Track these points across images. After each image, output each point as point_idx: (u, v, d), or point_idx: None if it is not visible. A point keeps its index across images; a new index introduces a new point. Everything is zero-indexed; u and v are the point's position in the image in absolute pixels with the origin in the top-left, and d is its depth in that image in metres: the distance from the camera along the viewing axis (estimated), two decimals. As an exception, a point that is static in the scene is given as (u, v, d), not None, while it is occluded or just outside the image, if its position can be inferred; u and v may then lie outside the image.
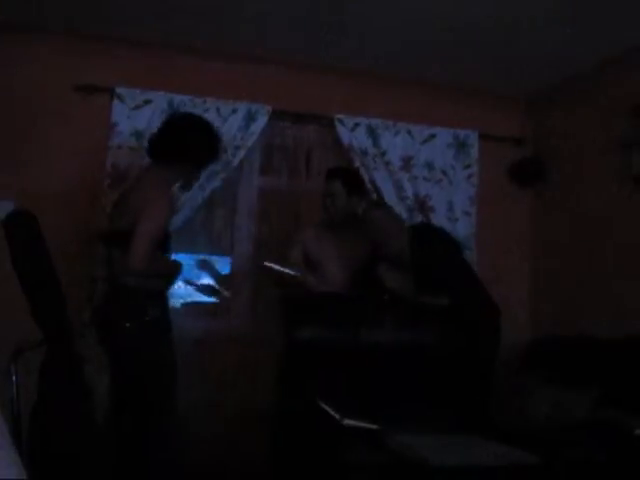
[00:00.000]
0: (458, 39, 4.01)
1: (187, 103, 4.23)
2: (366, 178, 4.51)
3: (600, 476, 2.55)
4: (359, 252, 3.92)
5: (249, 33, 4.11)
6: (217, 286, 4.47)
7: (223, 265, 4.60)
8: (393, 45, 4.17)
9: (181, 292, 4.42)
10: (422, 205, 4.55)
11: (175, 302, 4.40)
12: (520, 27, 3.80)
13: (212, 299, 4.55)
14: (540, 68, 4.40)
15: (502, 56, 4.23)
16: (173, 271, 3.38)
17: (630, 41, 3.86)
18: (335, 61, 4.47)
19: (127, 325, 3.07)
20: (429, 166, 4.63)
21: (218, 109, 4.29)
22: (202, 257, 4.44)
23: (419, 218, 4.52)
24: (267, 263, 3.74)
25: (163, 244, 3.17)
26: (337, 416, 2.65)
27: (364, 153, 4.50)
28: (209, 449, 3.96)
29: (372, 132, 4.54)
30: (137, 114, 4.17)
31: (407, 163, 4.58)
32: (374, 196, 4.53)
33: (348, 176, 3.98)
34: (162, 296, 3.29)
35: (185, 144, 3.24)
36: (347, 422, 2.64)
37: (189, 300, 4.47)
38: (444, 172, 4.65)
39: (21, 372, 2.59)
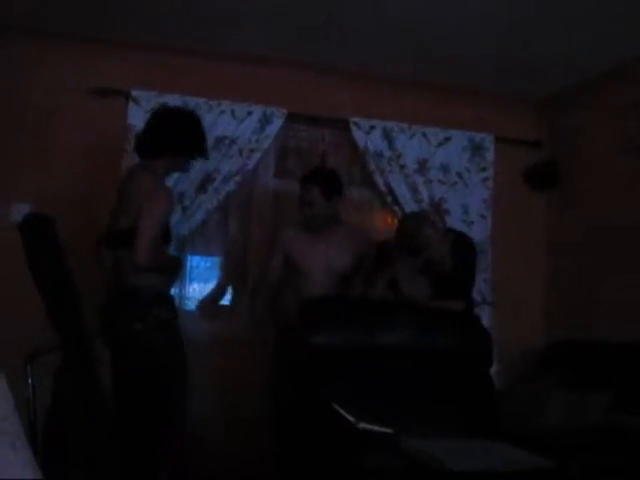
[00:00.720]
0: (473, 42, 4.00)
1: (202, 105, 4.24)
2: (381, 181, 4.51)
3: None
4: (343, 256, 3.76)
5: (264, 36, 4.12)
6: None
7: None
8: (408, 48, 4.17)
9: (196, 294, 4.44)
10: (437, 208, 4.54)
11: (191, 304, 4.42)
12: (535, 30, 3.78)
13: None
14: (555, 71, 4.38)
15: (517, 59, 4.21)
16: (175, 266, 3.40)
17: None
18: (350, 64, 4.47)
19: (137, 327, 3.08)
20: (444, 169, 4.62)
21: (233, 111, 4.30)
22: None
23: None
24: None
25: (165, 239, 3.18)
26: (352, 420, 2.64)
27: (379, 156, 4.50)
28: (218, 451, 3.98)
29: (387, 135, 4.53)
30: (153, 117, 4.18)
31: (422, 166, 4.57)
32: (389, 199, 4.52)
33: (326, 181, 3.72)
34: (168, 296, 3.32)
35: (169, 137, 3.25)
36: (362, 426, 2.63)
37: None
38: (459, 175, 4.64)
39: (37, 374, 2.61)
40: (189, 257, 4.42)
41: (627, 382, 3.40)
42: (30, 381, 2.56)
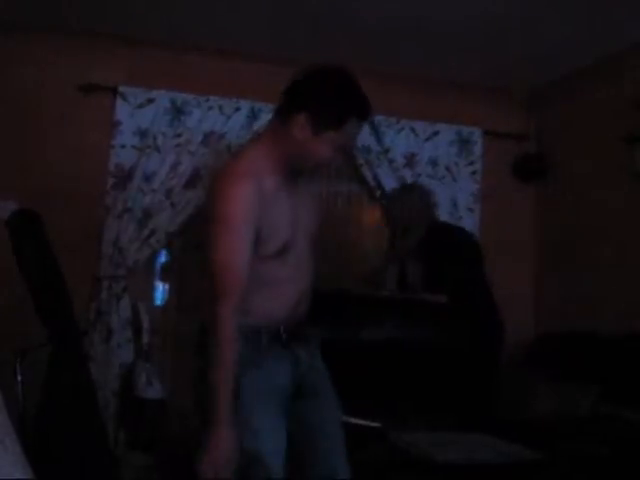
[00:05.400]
0: (461, 36, 4.00)
1: (190, 101, 4.24)
2: (370, 175, 4.51)
3: (602, 470, 2.55)
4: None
5: (251, 31, 4.11)
6: None
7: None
8: (395, 43, 4.16)
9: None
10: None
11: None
12: (523, 23, 3.79)
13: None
14: (543, 64, 4.39)
15: (505, 52, 4.22)
16: None
17: (633, 36, 3.85)
18: (338, 58, 4.44)
19: None
20: (433, 163, 4.63)
21: (221, 107, 4.29)
22: None
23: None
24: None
25: None
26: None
27: (368, 150, 4.50)
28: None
29: (376, 129, 4.53)
30: (140, 113, 4.17)
31: (411, 160, 4.58)
32: (377, 193, 4.53)
33: None
34: None
35: None
36: (351, 420, 2.64)
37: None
38: (448, 169, 4.64)
39: (26, 371, 2.61)
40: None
41: (616, 374, 3.42)
42: (19, 377, 2.56)
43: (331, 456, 2.13)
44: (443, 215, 4.52)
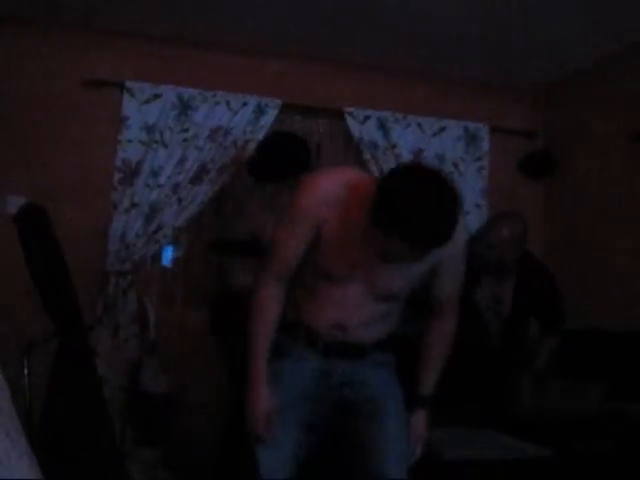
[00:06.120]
0: (468, 32, 3.99)
1: (197, 97, 4.23)
2: (376, 171, 4.51)
3: (610, 468, 2.54)
4: None
5: (259, 26, 4.10)
6: None
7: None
8: (403, 38, 4.16)
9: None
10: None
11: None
12: (531, 18, 3.78)
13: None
14: (551, 60, 4.37)
15: (512, 48, 4.21)
16: None
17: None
18: (345, 54, 4.46)
19: None
20: (440, 159, 4.62)
21: (228, 102, 4.29)
22: None
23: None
24: None
25: None
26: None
27: (374, 146, 4.50)
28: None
29: (382, 125, 4.53)
30: (147, 108, 4.18)
31: (418, 156, 4.57)
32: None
33: None
34: None
35: (285, 164, 3.24)
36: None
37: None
38: (455, 165, 4.63)
39: (33, 365, 2.61)
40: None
41: (624, 371, 3.41)
42: (26, 371, 2.56)
43: (380, 470, 2.10)
44: (450, 211, 4.51)
